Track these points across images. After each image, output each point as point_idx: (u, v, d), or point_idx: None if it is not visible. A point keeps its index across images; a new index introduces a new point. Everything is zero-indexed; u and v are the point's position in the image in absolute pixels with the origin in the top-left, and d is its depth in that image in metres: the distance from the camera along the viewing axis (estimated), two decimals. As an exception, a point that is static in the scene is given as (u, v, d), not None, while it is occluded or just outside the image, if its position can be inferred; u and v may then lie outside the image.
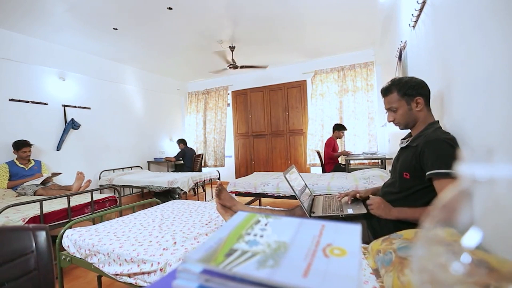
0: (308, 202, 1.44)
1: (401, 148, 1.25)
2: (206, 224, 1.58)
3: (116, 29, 3.37)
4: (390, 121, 1.25)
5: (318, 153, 4.23)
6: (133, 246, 1.28)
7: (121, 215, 2.20)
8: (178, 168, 5.35)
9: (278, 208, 1.51)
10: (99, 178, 4.21)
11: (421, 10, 1.53)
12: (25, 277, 0.69)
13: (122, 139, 4.72)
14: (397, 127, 1.25)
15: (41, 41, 3.56)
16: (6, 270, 0.66)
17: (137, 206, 2.11)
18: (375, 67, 4.47)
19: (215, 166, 5.69)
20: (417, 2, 1.48)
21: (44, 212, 2.01)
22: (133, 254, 1.20)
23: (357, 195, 1.37)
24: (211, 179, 4.01)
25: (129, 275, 1.19)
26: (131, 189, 4.57)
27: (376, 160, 4.18)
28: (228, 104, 5.80)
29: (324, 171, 4.12)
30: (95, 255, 1.33)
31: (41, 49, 3.57)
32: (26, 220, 1.91)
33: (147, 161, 5.21)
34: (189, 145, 5.54)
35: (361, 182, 2.52)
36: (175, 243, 1.28)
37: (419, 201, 1.11)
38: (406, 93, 1.15)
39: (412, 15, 1.62)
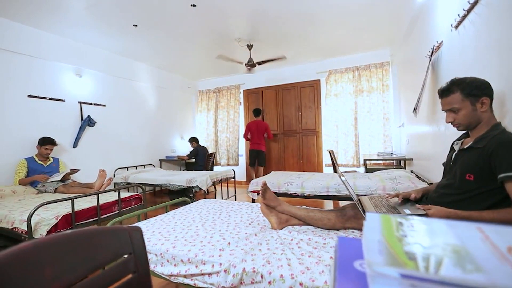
0: (358, 202, 1.43)
1: (460, 150, 1.23)
2: (250, 224, 1.57)
3: (136, 25, 3.33)
4: (448, 122, 1.23)
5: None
6: (186, 247, 1.26)
7: (146, 215, 2.19)
8: (189, 167, 5.32)
9: (327, 209, 1.50)
10: (114, 176, 4.18)
11: (469, 10, 1.52)
12: (127, 279, 0.67)
13: (135, 137, 4.69)
14: (456, 128, 1.23)
15: (59, 37, 3.52)
16: (110, 271, 0.64)
17: (160, 206, 2.09)
18: (391, 67, 4.46)
19: (228, 165, 5.67)
20: (468, 2, 1.46)
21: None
22: (190, 254, 1.18)
23: (412, 195, 1.36)
24: (227, 178, 3.99)
25: (185, 276, 1.17)
26: (143, 187, 4.54)
27: (391, 161, 4.17)
28: (240, 103, 5.77)
29: (335, 171, 4.09)
30: (145, 254, 1.31)
31: (58, 45, 3.53)
32: (59, 218, 1.88)
33: (159, 159, 5.18)
34: (200, 143, 5.51)
35: (388, 183, 2.50)
36: (229, 243, 1.26)
37: (484, 204, 1.09)
38: (471, 93, 1.13)
39: (458, 15, 1.61)
